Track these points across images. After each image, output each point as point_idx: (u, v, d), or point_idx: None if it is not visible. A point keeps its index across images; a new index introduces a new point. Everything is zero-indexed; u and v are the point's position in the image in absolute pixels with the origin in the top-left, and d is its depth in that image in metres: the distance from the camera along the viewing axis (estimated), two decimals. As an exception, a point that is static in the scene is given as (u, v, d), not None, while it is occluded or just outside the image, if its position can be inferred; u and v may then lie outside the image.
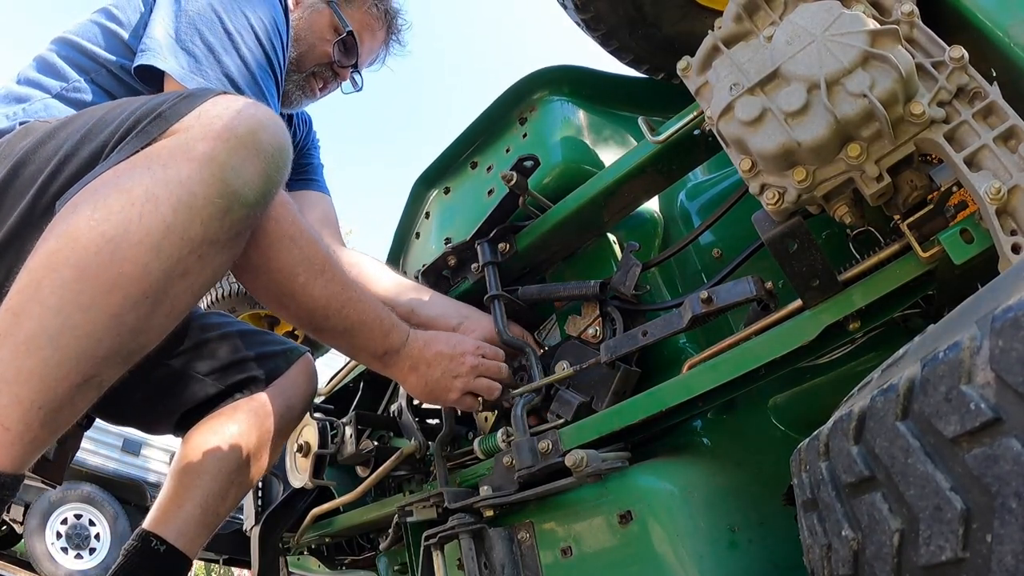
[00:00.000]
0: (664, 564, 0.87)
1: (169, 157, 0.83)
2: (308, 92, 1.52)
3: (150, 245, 0.78)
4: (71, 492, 5.80)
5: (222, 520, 1.27)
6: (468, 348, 1.16)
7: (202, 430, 1.28)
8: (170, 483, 1.24)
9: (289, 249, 0.98)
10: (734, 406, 1.09)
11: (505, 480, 1.04)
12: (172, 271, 0.81)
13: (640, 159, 1.07)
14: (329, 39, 1.46)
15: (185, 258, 0.81)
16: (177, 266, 0.81)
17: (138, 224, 0.78)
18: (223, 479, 1.24)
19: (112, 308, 0.77)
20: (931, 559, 0.39)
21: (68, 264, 0.76)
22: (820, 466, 0.52)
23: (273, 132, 0.90)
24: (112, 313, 0.77)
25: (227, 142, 0.85)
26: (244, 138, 0.86)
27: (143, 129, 0.87)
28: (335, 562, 1.74)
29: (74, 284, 0.75)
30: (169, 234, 0.79)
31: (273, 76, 1.21)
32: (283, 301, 1.02)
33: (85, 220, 0.78)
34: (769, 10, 0.83)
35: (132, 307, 0.78)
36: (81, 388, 0.78)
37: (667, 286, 1.24)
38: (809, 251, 0.78)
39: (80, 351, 0.75)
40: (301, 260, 1.00)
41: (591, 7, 1.19)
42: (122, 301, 0.77)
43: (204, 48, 1.11)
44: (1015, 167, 0.63)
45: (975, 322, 0.40)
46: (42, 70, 1.17)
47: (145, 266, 0.78)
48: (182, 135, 0.86)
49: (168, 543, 1.17)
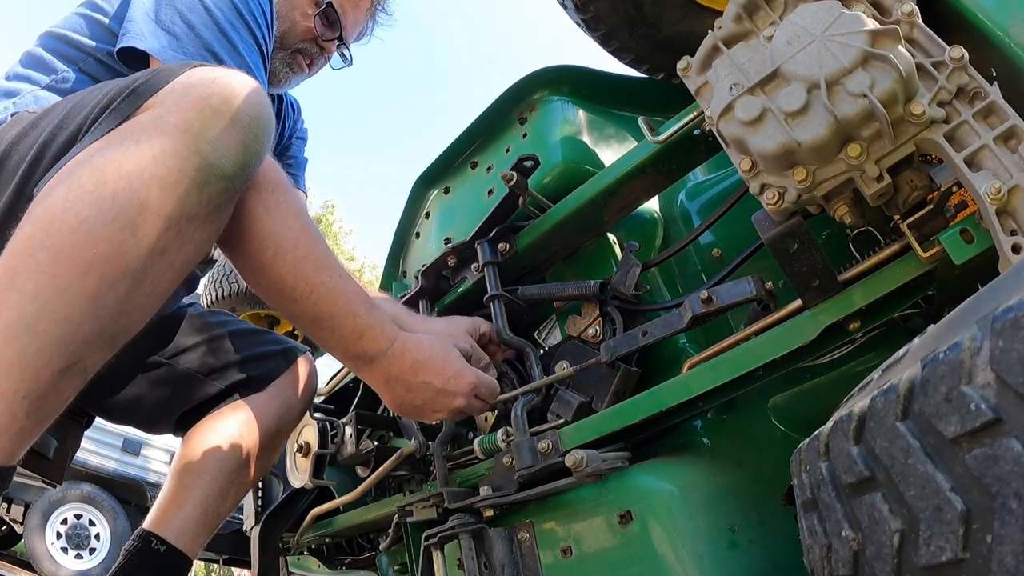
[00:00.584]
0: (664, 564, 0.87)
1: (142, 132, 0.80)
2: (296, 69, 1.47)
3: (124, 223, 0.76)
4: (71, 492, 5.80)
5: (222, 520, 1.27)
6: (462, 389, 1.01)
7: (202, 430, 1.27)
8: (170, 483, 1.24)
9: (262, 219, 0.92)
10: (734, 406, 1.08)
11: (505, 480, 1.04)
12: (149, 249, 0.78)
13: (640, 159, 1.07)
14: (310, 13, 1.42)
15: (163, 235, 0.79)
16: (155, 244, 0.78)
17: (112, 203, 0.75)
18: (223, 479, 1.24)
19: (89, 290, 0.75)
20: (931, 560, 0.39)
21: (43, 248, 0.74)
22: (820, 466, 0.52)
23: (251, 100, 0.86)
24: (90, 295, 0.75)
25: (201, 112, 0.82)
26: (219, 107, 0.83)
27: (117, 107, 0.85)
28: (335, 562, 1.74)
29: (49, 268, 0.73)
30: (144, 211, 0.77)
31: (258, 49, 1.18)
32: (254, 276, 0.96)
33: (59, 202, 0.76)
34: (769, 10, 0.83)
35: (110, 288, 0.76)
36: (64, 375, 0.76)
37: (667, 286, 1.24)
38: (809, 251, 0.78)
39: (60, 336, 0.73)
40: (271, 234, 0.93)
41: (591, 7, 1.19)
42: (99, 282, 0.75)
43: (184, 26, 1.08)
44: (1015, 167, 0.63)
45: (975, 322, 0.40)
46: (30, 65, 1.16)
47: (120, 245, 0.76)
48: (156, 109, 0.83)
49: (168, 543, 1.17)
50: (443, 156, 1.53)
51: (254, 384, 1.33)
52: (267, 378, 1.34)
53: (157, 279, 0.82)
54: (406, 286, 1.59)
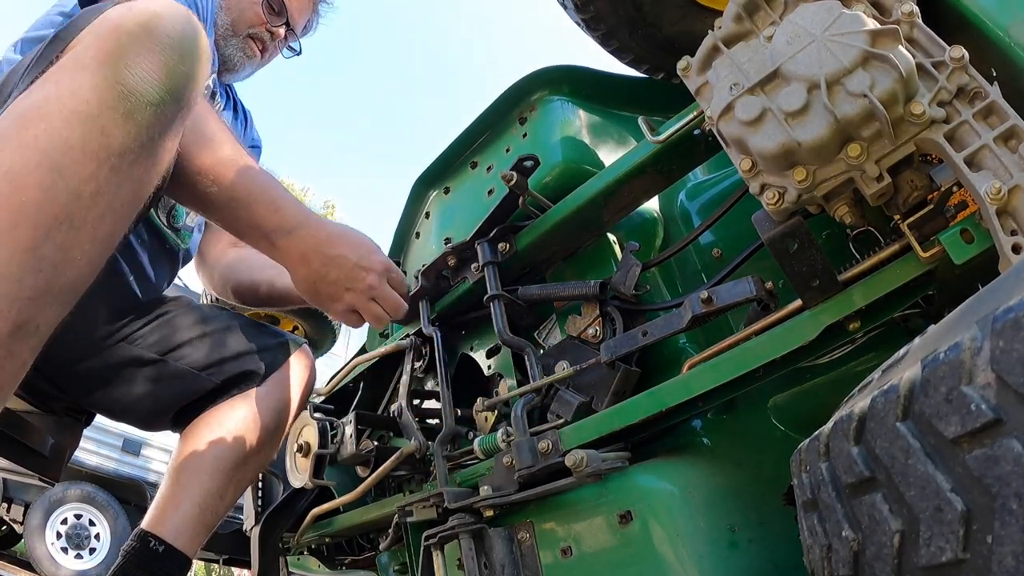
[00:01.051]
0: (664, 564, 0.87)
1: (61, 71, 0.78)
2: (250, 53, 1.53)
3: (50, 167, 0.72)
4: (71, 492, 5.80)
5: (220, 519, 1.27)
6: (376, 266, 1.06)
7: (200, 426, 1.27)
8: (168, 482, 1.24)
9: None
10: (734, 406, 1.08)
11: (505, 480, 1.04)
12: (80, 191, 0.74)
13: (640, 159, 1.07)
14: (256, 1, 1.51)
15: (94, 174, 0.75)
16: (86, 184, 0.74)
17: (34, 147, 0.72)
18: (221, 477, 1.24)
19: (24, 242, 0.71)
20: (931, 560, 0.39)
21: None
22: (820, 466, 0.52)
23: (171, 20, 0.83)
24: (26, 248, 0.71)
25: (118, 40, 0.78)
26: (135, 32, 0.79)
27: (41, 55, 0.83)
28: (335, 562, 1.74)
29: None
30: (69, 151, 0.73)
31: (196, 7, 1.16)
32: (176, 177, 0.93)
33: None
34: (769, 10, 0.83)
35: (46, 237, 0.72)
36: (16, 336, 0.72)
37: (667, 286, 1.24)
38: (809, 251, 0.78)
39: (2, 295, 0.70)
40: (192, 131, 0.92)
41: (591, 7, 1.19)
42: (33, 233, 0.71)
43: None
44: (1015, 167, 0.63)
45: (976, 323, 0.40)
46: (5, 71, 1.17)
47: (49, 190, 0.72)
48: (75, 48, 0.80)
49: (167, 543, 1.17)
50: (443, 156, 1.53)
51: (251, 378, 1.32)
52: (264, 372, 1.34)
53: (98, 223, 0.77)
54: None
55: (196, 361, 1.32)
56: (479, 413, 1.31)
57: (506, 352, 1.31)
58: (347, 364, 1.65)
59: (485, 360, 1.38)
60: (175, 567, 1.18)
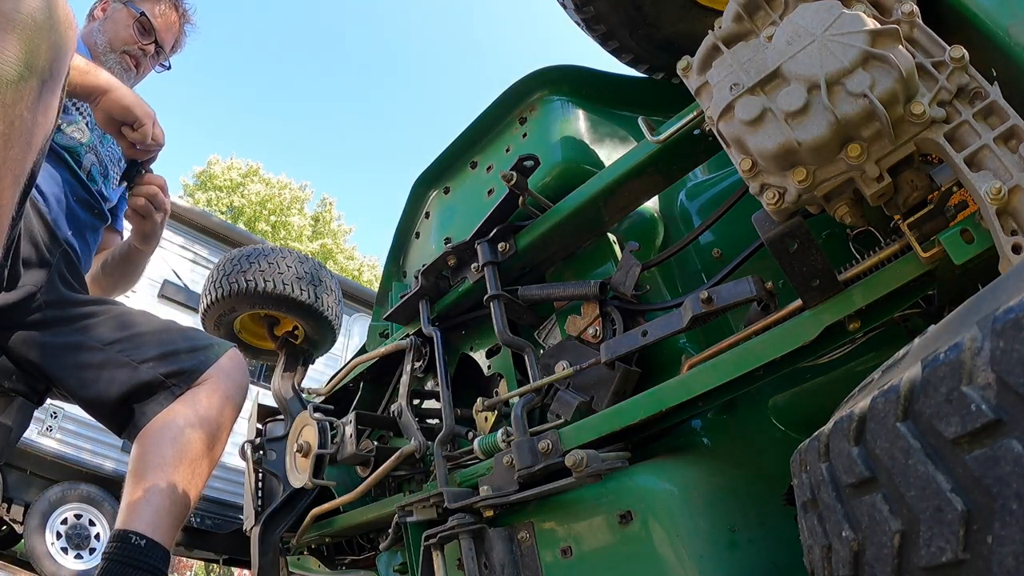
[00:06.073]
0: (664, 564, 0.87)
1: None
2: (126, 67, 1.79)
3: None
4: (71, 492, 5.80)
5: (189, 510, 1.33)
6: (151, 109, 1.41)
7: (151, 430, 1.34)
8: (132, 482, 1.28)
9: None
10: (734, 406, 1.08)
11: (505, 480, 1.04)
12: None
13: (640, 159, 1.07)
14: (129, 24, 1.80)
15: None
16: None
17: None
18: (184, 468, 1.30)
19: None
20: (931, 560, 0.39)
21: None
22: (820, 467, 0.52)
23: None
24: None
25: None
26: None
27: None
28: (335, 562, 1.74)
29: None
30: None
31: None
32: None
33: None
34: (769, 10, 0.83)
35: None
36: None
37: (667, 286, 1.24)
38: (809, 251, 0.78)
39: None
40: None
41: (591, 6, 1.19)
42: None
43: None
44: (1015, 167, 0.63)
45: (976, 323, 0.40)
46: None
47: None
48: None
49: (147, 536, 1.19)
50: (443, 156, 1.53)
51: (187, 375, 1.40)
52: (199, 368, 1.41)
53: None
54: (406, 286, 1.59)
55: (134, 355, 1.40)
56: (479, 413, 1.31)
57: (506, 352, 1.31)
58: (347, 364, 1.65)
59: (485, 360, 1.38)
60: (158, 559, 1.21)
